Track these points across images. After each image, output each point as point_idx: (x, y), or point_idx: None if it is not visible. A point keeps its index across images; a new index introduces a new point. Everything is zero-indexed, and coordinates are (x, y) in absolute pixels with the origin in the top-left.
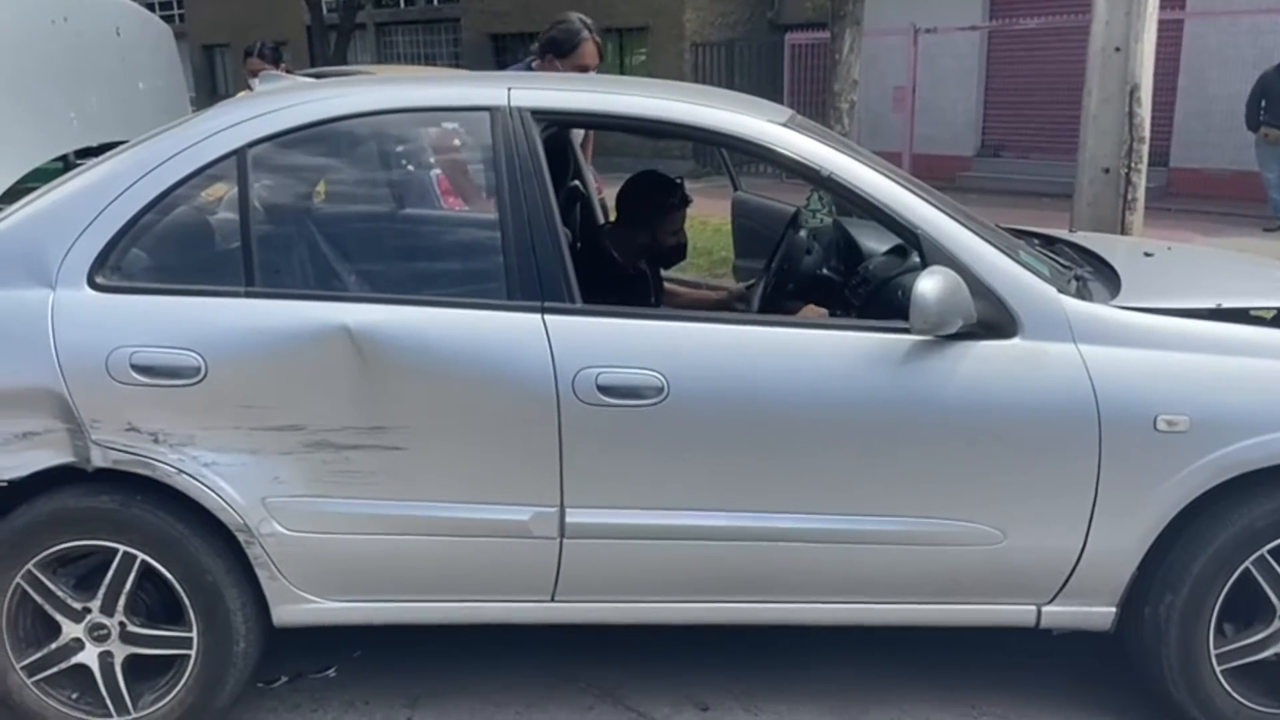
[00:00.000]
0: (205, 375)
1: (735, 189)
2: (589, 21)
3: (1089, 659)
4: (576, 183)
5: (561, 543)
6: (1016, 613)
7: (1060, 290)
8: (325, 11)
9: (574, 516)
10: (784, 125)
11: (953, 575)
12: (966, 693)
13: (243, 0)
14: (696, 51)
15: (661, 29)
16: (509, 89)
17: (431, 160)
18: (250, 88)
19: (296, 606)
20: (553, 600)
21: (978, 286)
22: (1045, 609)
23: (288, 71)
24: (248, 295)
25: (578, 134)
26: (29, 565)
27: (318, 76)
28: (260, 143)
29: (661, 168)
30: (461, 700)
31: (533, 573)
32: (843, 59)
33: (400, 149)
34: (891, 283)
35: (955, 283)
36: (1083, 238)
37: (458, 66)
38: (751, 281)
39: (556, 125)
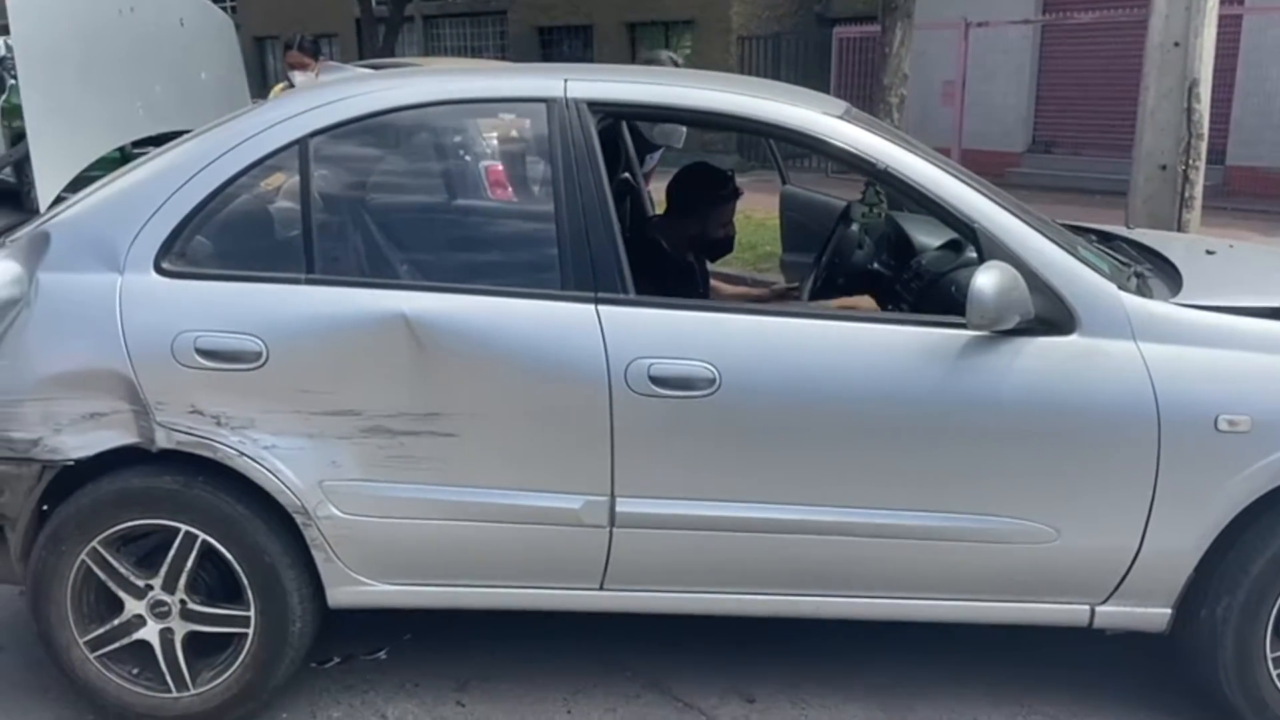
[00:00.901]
0: (266, 360)
1: (784, 183)
2: (678, 59)
3: (1141, 659)
4: (626, 175)
5: (611, 531)
6: (1070, 612)
7: (1120, 287)
8: (374, 4)
9: (624, 505)
10: (840, 118)
11: (1005, 573)
12: (1016, 691)
13: None
14: (743, 45)
15: (708, 22)
16: (565, 80)
17: (487, 151)
18: (289, 80)
19: (351, 588)
20: (601, 588)
21: (1035, 282)
22: (1099, 609)
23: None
24: (308, 282)
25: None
26: (94, 542)
27: (374, 69)
28: (321, 133)
29: (706, 161)
30: (509, 684)
31: (582, 560)
32: (893, 52)
33: (458, 140)
34: (945, 278)
35: (1013, 278)
36: (1141, 235)
37: (504, 59)
38: (793, 284)
39: (613, 117)
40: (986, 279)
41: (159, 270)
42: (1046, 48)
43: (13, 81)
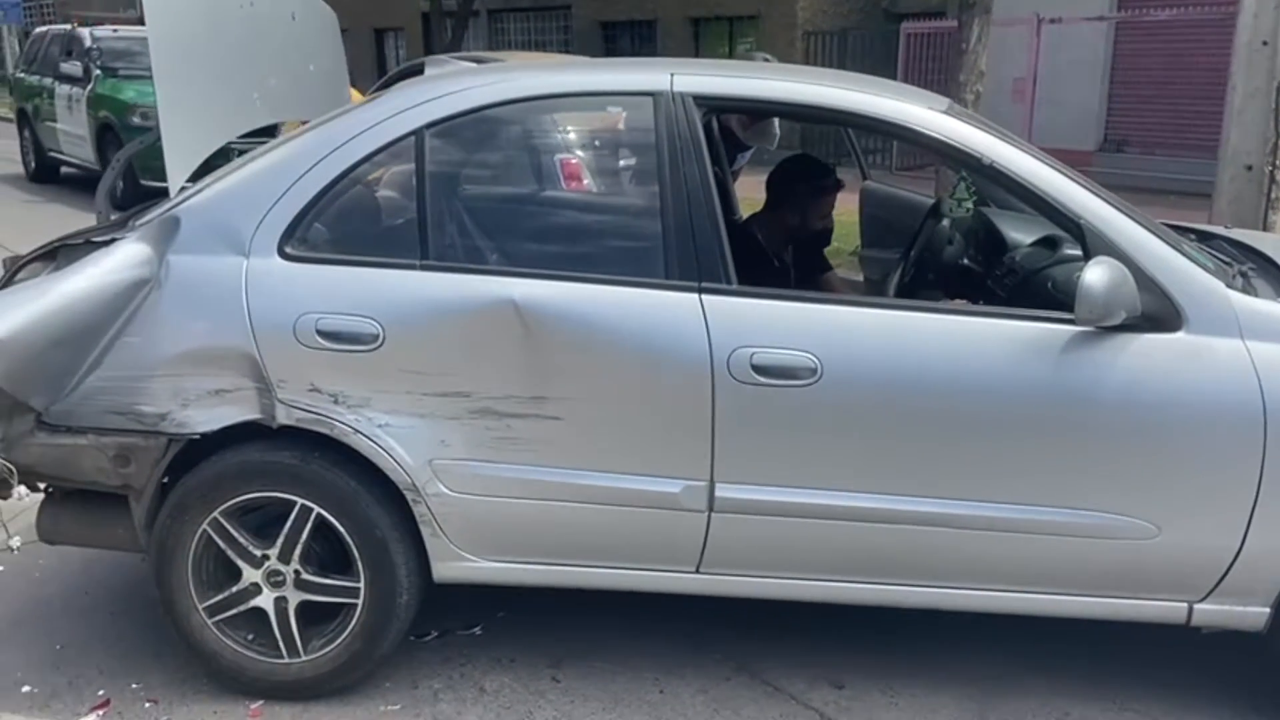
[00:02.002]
0: (383, 342)
1: (864, 178)
2: (770, 59)
3: (1237, 659)
4: (716, 170)
5: (710, 516)
6: (1167, 609)
7: (1227, 285)
8: None
9: (723, 491)
10: (944, 113)
11: (1103, 568)
12: (1108, 687)
13: None
14: (808, 40)
15: (773, 17)
16: (671, 74)
17: (594, 144)
18: None
19: (455, 564)
20: (698, 572)
21: (1142, 279)
22: (1197, 607)
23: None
24: (423, 268)
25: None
26: (215, 513)
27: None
28: (436, 124)
29: (778, 157)
30: (602, 663)
31: (680, 544)
32: (970, 48)
33: (566, 132)
34: (1040, 274)
35: (1122, 274)
36: (1241, 234)
37: (568, 53)
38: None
39: (717, 111)
40: (1096, 274)
41: (282, 254)
42: (1120, 45)
43: (98, 72)
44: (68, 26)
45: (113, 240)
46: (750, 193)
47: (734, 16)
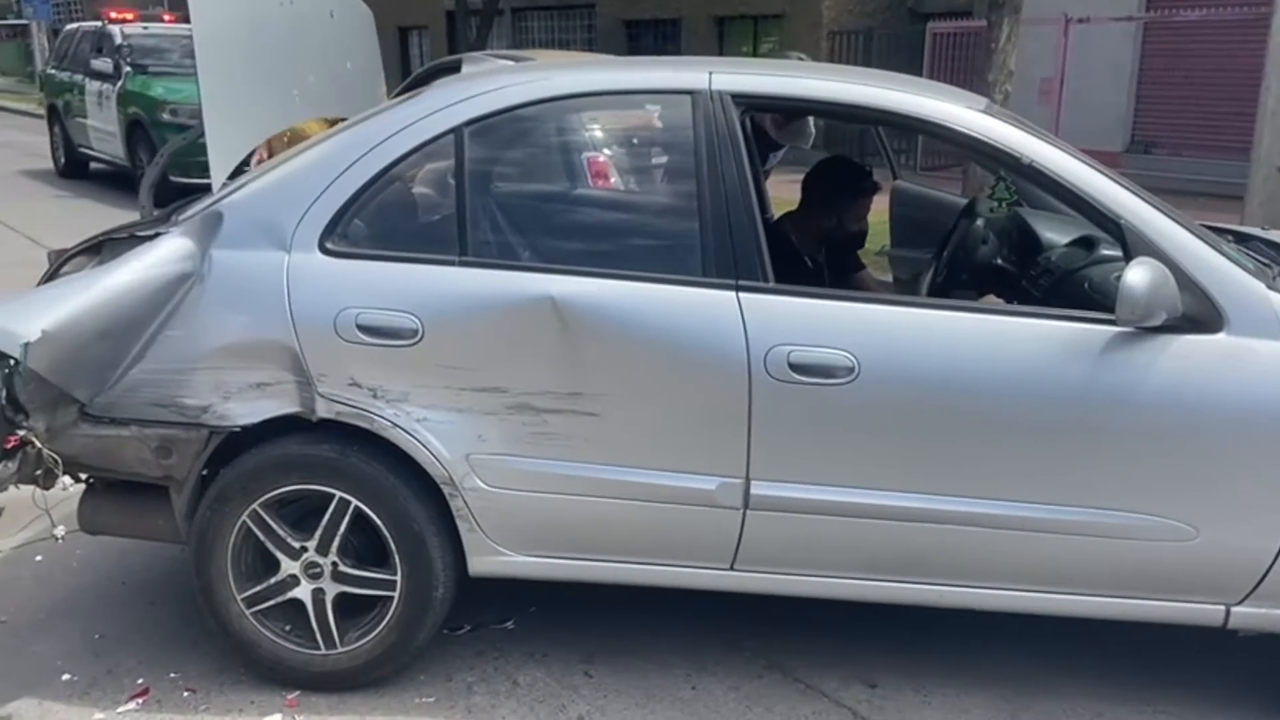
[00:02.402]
0: (422, 337)
1: (895, 178)
2: (805, 59)
3: (1276, 666)
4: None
5: (745, 513)
6: (1204, 612)
7: (1268, 286)
8: None
9: (759, 489)
10: (983, 113)
11: (1140, 570)
12: (1141, 689)
13: None
14: (833, 40)
15: (798, 16)
16: (710, 73)
17: (633, 141)
18: None
19: (491, 558)
20: (731, 569)
21: (1183, 279)
22: (1235, 609)
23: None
24: (462, 264)
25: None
26: (255, 504)
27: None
28: (475, 121)
29: (809, 157)
30: (634, 659)
31: (714, 541)
32: (999, 48)
33: (605, 130)
34: (1077, 274)
35: (1164, 274)
36: (1277, 235)
37: (591, 52)
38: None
39: (755, 109)
40: (1137, 274)
41: (323, 250)
42: (1149, 45)
43: (128, 69)
44: (99, 23)
45: (156, 235)
46: (778, 192)
47: (759, 15)
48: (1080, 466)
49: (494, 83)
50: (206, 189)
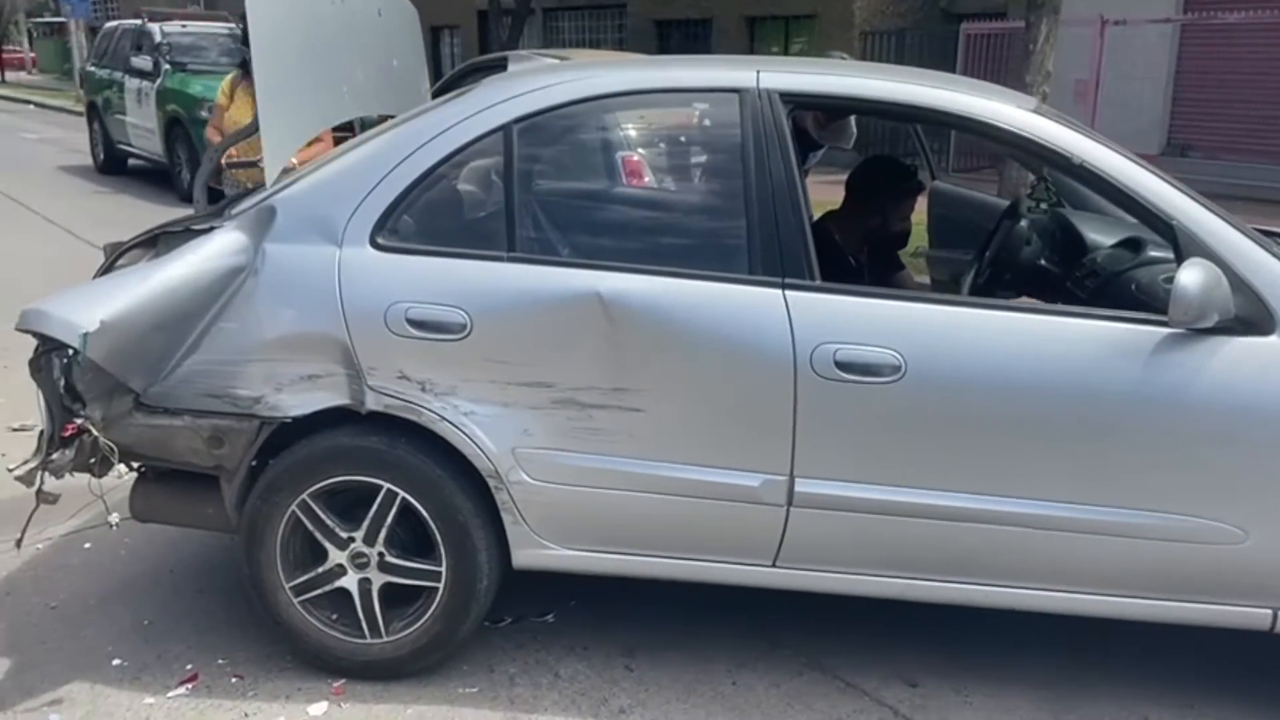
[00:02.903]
0: (470, 332)
1: (933, 178)
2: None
3: None
4: None
5: (789, 510)
6: (1251, 615)
7: None
8: None
9: (803, 486)
10: (1035, 112)
11: (1187, 572)
12: (1184, 692)
13: None
14: (865, 40)
15: (830, 17)
16: (758, 71)
17: (681, 139)
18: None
19: (534, 551)
20: (774, 565)
21: (1236, 281)
22: None
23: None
24: (510, 260)
25: None
26: (304, 495)
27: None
28: (525, 119)
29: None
30: (674, 653)
31: (757, 537)
32: (1037, 49)
33: (652, 128)
34: (1123, 276)
35: (1217, 276)
36: None
37: (623, 51)
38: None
39: (803, 108)
40: (1191, 276)
41: (374, 245)
42: (1186, 48)
43: (167, 67)
44: (138, 21)
45: (211, 229)
46: (814, 193)
47: (790, 16)
48: (1128, 468)
49: (543, 80)
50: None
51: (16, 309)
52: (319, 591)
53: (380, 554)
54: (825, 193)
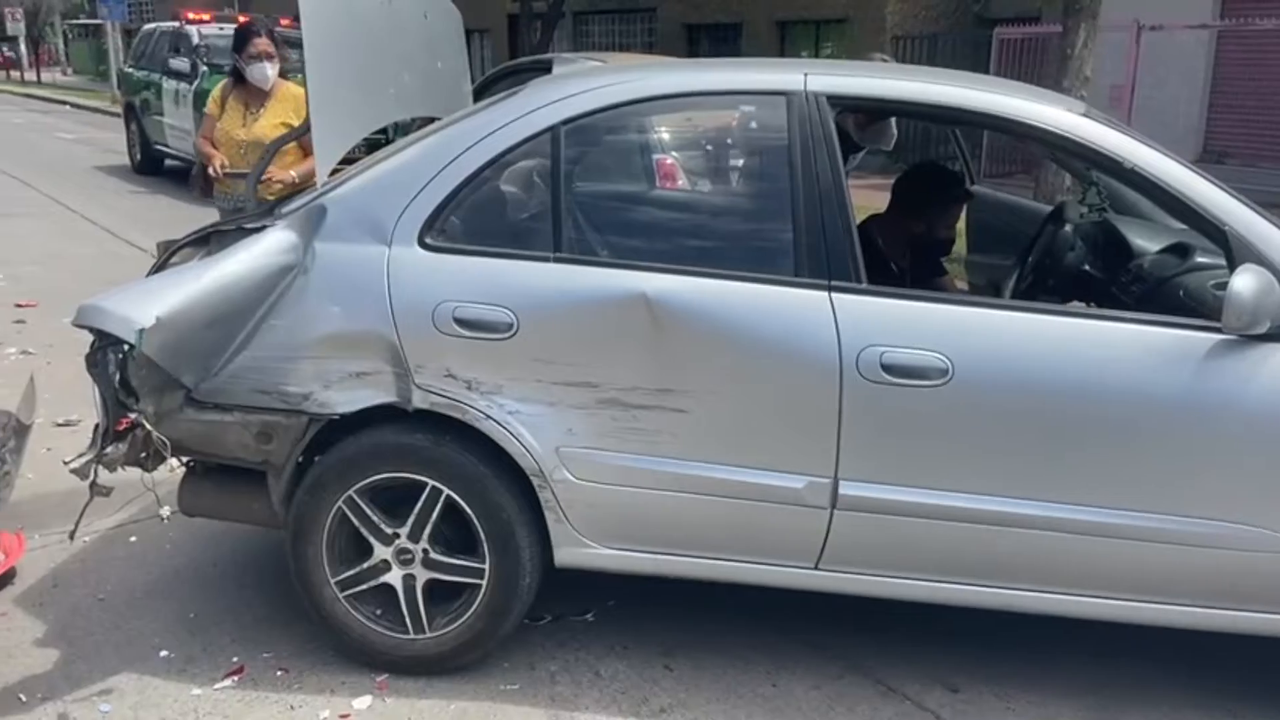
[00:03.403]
0: (516, 331)
1: (971, 183)
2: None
3: None
4: None
5: (832, 513)
6: None
7: None
8: (533, 1)
9: (847, 489)
10: (1084, 116)
11: (1235, 580)
12: (1225, 700)
13: None
14: (897, 44)
15: (862, 21)
16: (805, 74)
17: (727, 142)
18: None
19: (576, 549)
20: (816, 568)
21: None
22: None
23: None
24: (556, 260)
25: None
26: (350, 491)
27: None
28: (573, 120)
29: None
30: (714, 654)
31: (800, 539)
32: (1075, 54)
33: (698, 130)
34: (1171, 282)
35: (1270, 282)
36: None
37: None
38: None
39: (850, 111)
40: (1244, 281)
41: (422, 244)
42: (1223, 54)
43: (204, 68)
44: (176, 24)
45: (262, 227)
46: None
47: (821, 20)
48: (1176, 473)
49: (591, 83)
50: None
51: (59, 307)
52: (364, 587)
53: (425, 550)
54: (860, 197)
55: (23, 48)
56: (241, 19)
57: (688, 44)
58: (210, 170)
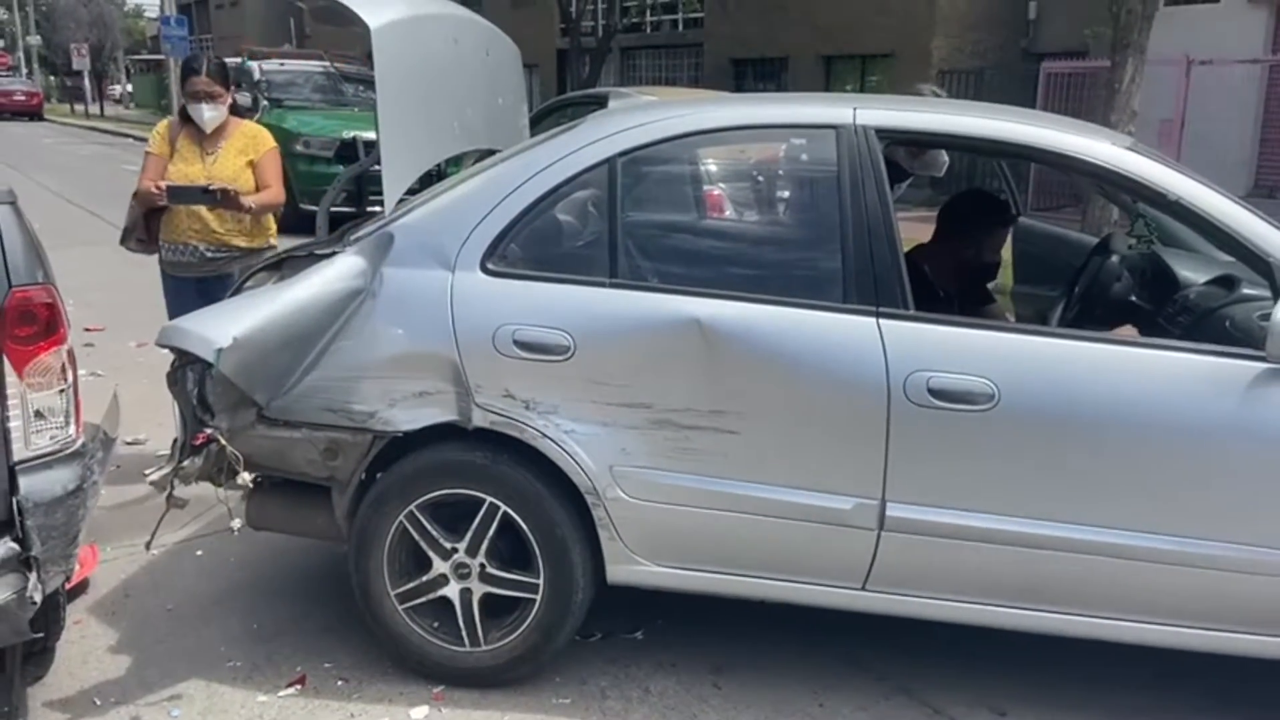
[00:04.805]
0: (573, 353)
1: (1018, 214)
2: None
3: None
4: None
5: (879, 534)
6: None
7: None
8: (581, 38)
9: (894, 510)
10: (1129, 149)
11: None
12: None
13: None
14: (943, 79)
15: (908, 56)
16: (854, 109)
17: (778, 172)
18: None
19: (628, 567)
20: (863, 589)
21: None
22: None
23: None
24: (612, 286)
25: None
26: (411, 506)
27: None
28: (629, 153)
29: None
30: (761, 674)
31: (847, 560)
32: (1123, 88)
33: (750, 162)
34: (1218, 313)
35: None
36: None
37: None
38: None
39: (899, 144)
40: None
41: (484, 270)
42: (1274, 88)
43: (265, 103)
44: (239, 59)
45: (333, 254)
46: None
47: (867, 55)
48: (1221, 500)
49: (646, 117)
50: None
51: (125, 331)
52: (422, 600)
53: (482, 565)
54: (907, 230)
55: (86, 82)
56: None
57: (734, 78)
58: (154, 187)
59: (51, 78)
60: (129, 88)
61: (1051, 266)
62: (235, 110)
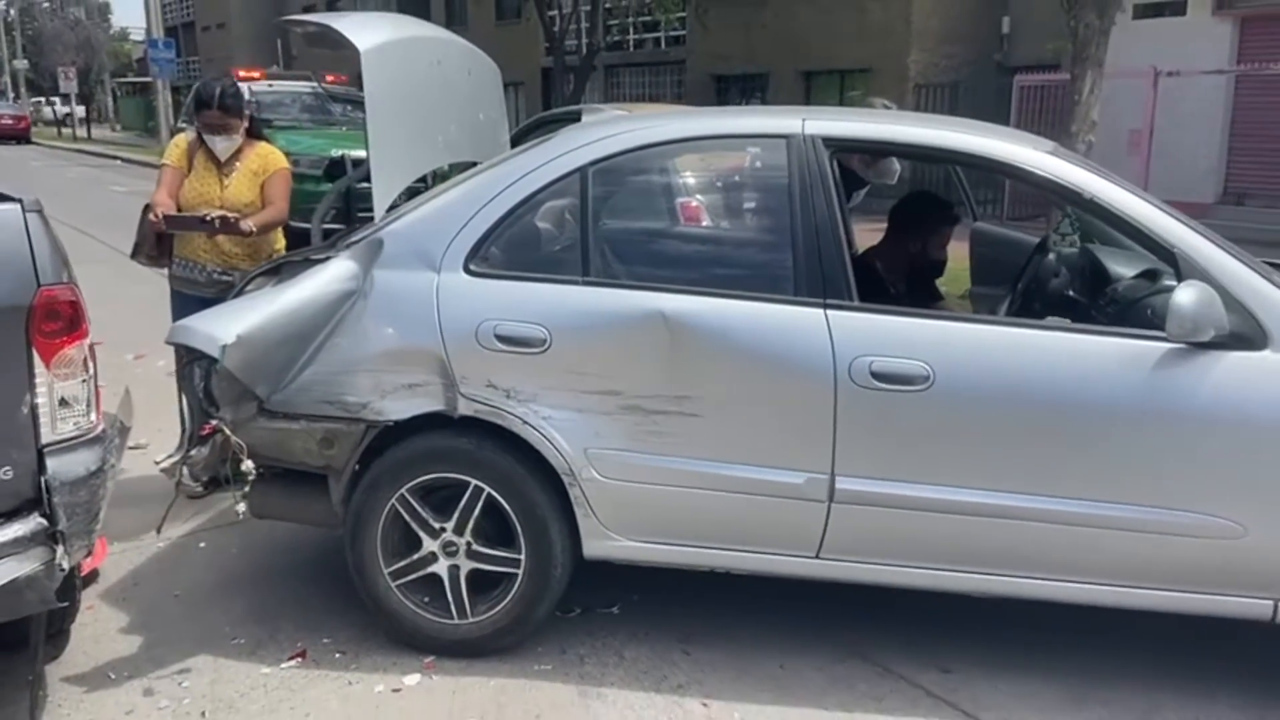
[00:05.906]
0: (549, 346)
1: (974, 219)
2: (891, 105)
3: None
4: None
5: (830, 506)
6: (1253, 606)
7: None
8: (565, 56)
9: (843, 484)
10: (1050, 154)
11: (1191, 565)
12: (1198, 681)
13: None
14: (919, 93)
15: (885, 71)
16: (803, 120)
17: (736, 180)
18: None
19: (603, 542)
20: (817, 557)
21: (1230, 301)
22: None
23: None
24: (585, 284)
25: None
26: (402, 490)
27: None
28: (599, 162)
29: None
30: (728, 641)
31: (802, 531)
32: (1082, 100)
33: (709, 169)
34: (1141, 303)
35: (1210, 295)
36: None
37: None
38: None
39: (843, 151)
40: (1186, 294)
41: (467, 271)
42: (1240, 98)
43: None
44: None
45: (327, 258)
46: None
47: (845, 70)
48: (1135, 467)
49: (614, 129)
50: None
51: (123, 344)
52: (413, 576)
53: (468, 543)
54: (866, 237)
55: (74, 104)
56: (330, 78)
57: (716, 94)
58: (151, 216)
59: (40, 100)
60: (112, 113)
61: (1006, 268)
62: (252, 130)
